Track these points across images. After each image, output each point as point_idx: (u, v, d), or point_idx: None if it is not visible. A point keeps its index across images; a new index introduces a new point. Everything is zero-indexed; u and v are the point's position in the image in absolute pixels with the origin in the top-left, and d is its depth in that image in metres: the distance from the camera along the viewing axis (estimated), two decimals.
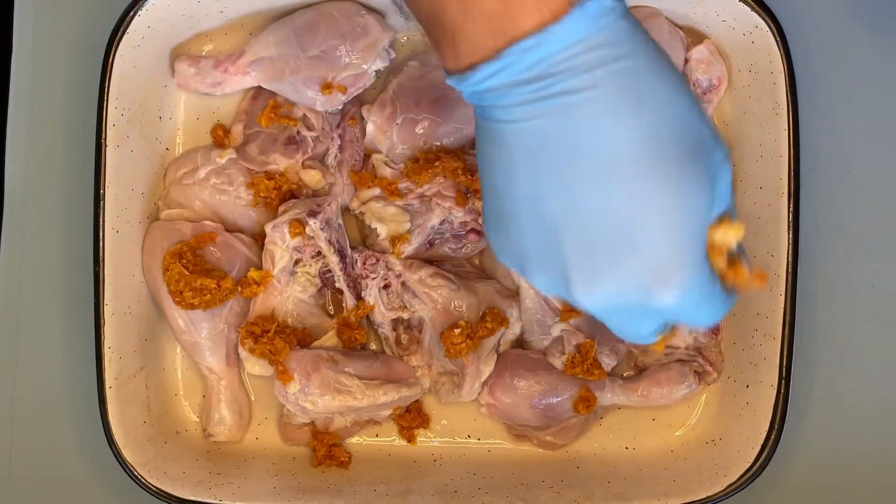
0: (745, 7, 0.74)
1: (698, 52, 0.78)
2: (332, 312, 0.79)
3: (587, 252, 0.51)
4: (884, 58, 0.82)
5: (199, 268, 0.75)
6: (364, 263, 0.78)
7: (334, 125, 0.79)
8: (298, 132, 0.78)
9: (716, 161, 0.53)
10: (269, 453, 0.79)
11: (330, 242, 0.76)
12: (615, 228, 0.50)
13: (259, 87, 0.79)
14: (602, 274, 0.51)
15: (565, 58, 0.51)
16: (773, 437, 0.74)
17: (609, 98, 0.51)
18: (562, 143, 0.51)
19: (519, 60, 0.51)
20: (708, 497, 0.74)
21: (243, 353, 0.77)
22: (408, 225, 0.78)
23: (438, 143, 0.78)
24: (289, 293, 0.77)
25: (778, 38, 0.74)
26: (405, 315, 0.78)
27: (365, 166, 0.79)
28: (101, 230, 0.74)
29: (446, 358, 0.77)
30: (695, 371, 0.78)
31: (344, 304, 0.78)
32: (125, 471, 0.74)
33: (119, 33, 0.73)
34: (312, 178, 0.78)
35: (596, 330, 0.77)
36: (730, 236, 0.55)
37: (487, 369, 0.77)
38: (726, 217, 0.55)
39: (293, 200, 0.77)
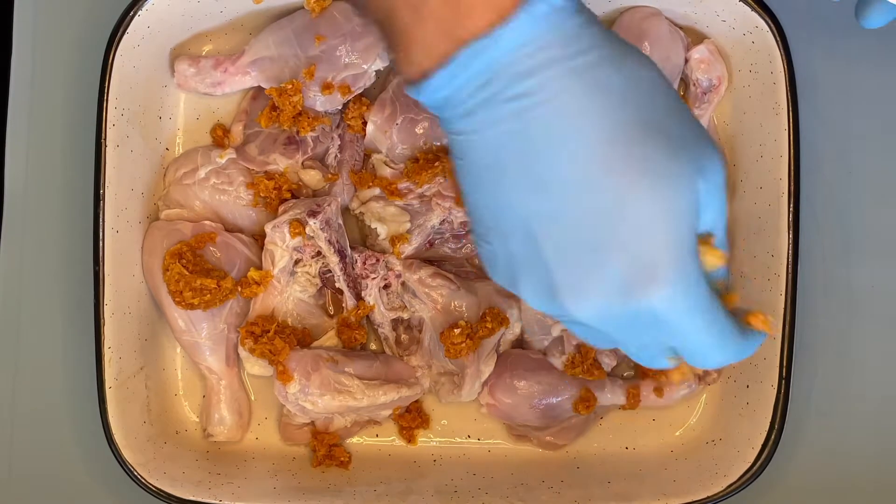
0: (745, 7, 0.74)
1: (698, 52, 0.78)
2: (332, 312, 0.79)
3: (568, 258, 0.49)
4: (884, 57, 0.81)
5: (199, 268, 0.75)
6: (364, 263, 0.78)
7: (334, 125, 0.79)
8: (298, 132, 0.78)
9: (700, 155, 0.50)
10: (269, 453, 0.79)
11: (330, 242, 0.76)
12: (593, 229, 0.48)
13: (259, 87, 0.79)
14: (586, 277, 0.49)
15: (514, 60, 0.48)
16: (773, 437, 0.74)
17: (563, 99, 0.48)
18: (522, 151, 0.49)
19: (469, 66, 0.49)
20: (708, 497, 0.74)
21: (243, 353, 0.77)
22: (408, 225, 0.78)
23: (438, 143, 0.78)
24: (289, 293, 0.77)
25: (778, 38, 0.74)
26: (405, 315, 0.78)
27: (365, 166, 0.79)
28: (101, 230, 0.74)
29: (446, 358, 0.77)
30: (695, 371, 0.78)
31: (344, 304, 0.78)
32: (125, 471, 0.74)
33: (119, 33, 0.73)
34: (312, 178, 0.78)
35: None
36: (710, 259, 0.53)
37: (487, 369, 0.77)
38: (711, 239, 0.52)
39: (293, 200, 0.78)
